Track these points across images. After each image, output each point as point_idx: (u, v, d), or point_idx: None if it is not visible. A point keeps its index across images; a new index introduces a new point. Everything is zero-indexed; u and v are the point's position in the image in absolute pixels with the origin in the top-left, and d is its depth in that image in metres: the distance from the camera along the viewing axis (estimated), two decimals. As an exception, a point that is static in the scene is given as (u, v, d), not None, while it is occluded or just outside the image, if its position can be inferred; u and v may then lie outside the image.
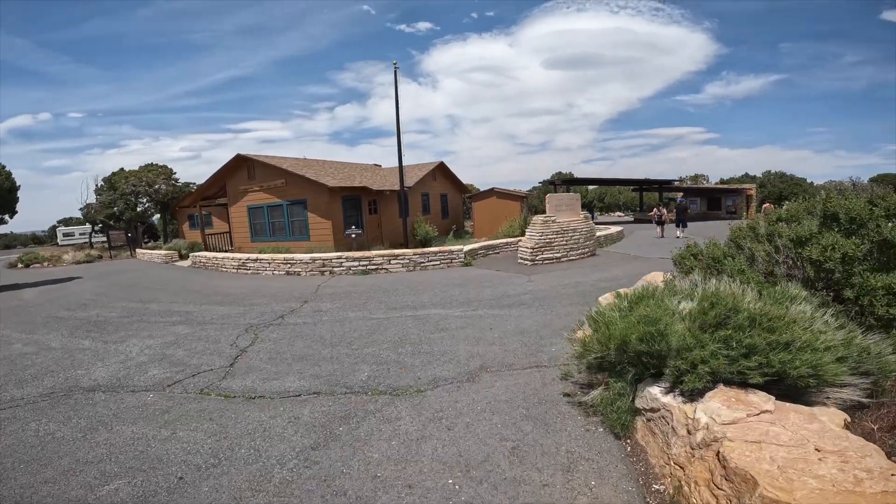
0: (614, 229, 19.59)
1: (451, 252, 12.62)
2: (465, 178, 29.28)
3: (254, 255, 13.78)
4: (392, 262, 12.27)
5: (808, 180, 47.61)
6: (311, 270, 12.39)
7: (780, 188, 44.58)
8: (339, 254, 12.39)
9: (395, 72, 16.28)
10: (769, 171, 47.22)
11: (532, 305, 7.38)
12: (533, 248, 11.80)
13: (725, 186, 44.34)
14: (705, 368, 2.78)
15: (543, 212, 12.82)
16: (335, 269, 12.21)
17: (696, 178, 58.73)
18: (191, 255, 17.65)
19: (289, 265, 12.71)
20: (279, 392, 4.34)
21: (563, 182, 37.17)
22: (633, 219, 41.07)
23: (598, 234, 16.15)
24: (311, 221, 16.44)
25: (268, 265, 13.18)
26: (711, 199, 40.14)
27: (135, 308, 8.87)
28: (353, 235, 14.43)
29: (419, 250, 12.62)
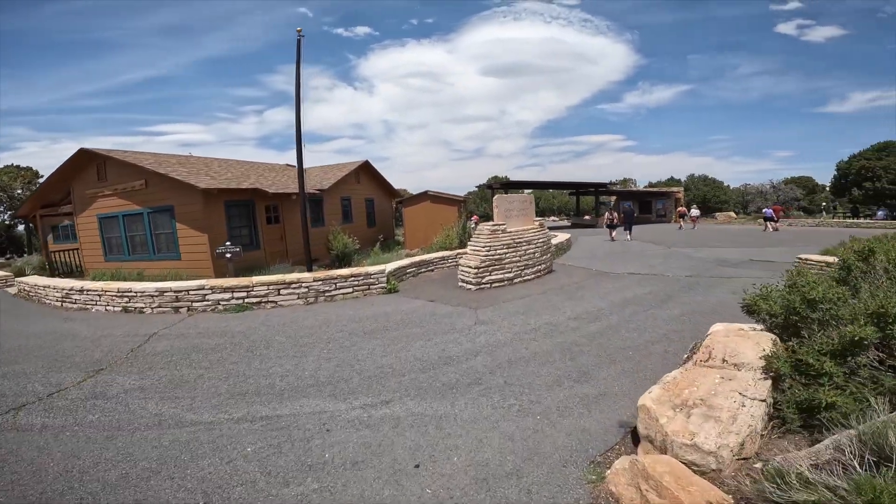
0: (562, 236, 17.30)
1: (369, 275, 9.27)
2: (399, 184, 26.09)
3: (80, 284, 9.46)
4: (283, 292, 8.67)
5: (726, 184, 49.88)
6: (160, 306, 8.44)
7: (703, 191, 46.02)
8: (201, 283, 8.54)
9: (299, 42, 12.73)
10: (693, 175, 48.79)
11: (492, 388, 4.26)
12: (478, 268, 8.80)
13: (655, 190, 44.90)
14: None
15: (489, 218, 9.89)
16: (196, 303, 8.37)
17: (625, 181, 60.00)
18: (17, 280, 12.74)
19: (126, 299, 8.64)
20: None
21: (501, 186, 35.04)
22: (570, 223, 40.08)
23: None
24: (180, 235, 12.24)
25: (98, 298, 9.00)
26: (643, 203, 40.24)
27: None
28: (229, 255, 10.55)
29: (324, 275, 9.13)
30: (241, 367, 5.11)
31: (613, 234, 19.62)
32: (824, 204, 34.96)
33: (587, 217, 38.27)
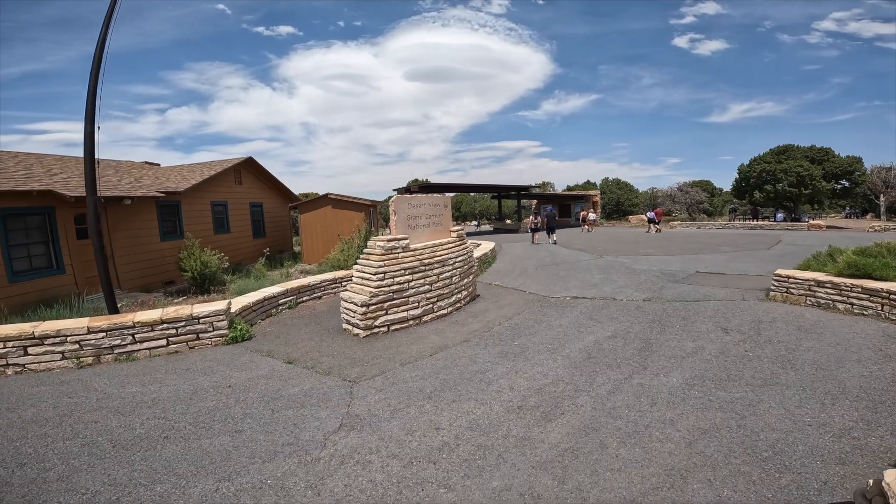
0: (487, 245, 14.95)
1: (196, 319, 5.91)
2: (318, 188, 22.23)
3: None
4: (32, 350, 5.05)
5: (636, 187, 51.95)
6: None
7: (617, 194, 47.27)
8: None
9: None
10: (607, 178, 50.09)
11: None
12: (367, 305, 5.84)
13: (574, 193, 45.07)
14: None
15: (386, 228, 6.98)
16: None
17: (544, 185, 60.57)
18: None
19: None
20: None
21: (421, 188, 32.35)
22: (492, 228, 38.60)
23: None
24: None
25: None
26: (562, 206, 40.00)
27: None
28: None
29: (109, 322, 5.58)
30: None
31: (536, 237, 19.24)
32: (731, 206, 37.12)
33: (509, 222, 36.99)
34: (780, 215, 31.36)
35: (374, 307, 5.91)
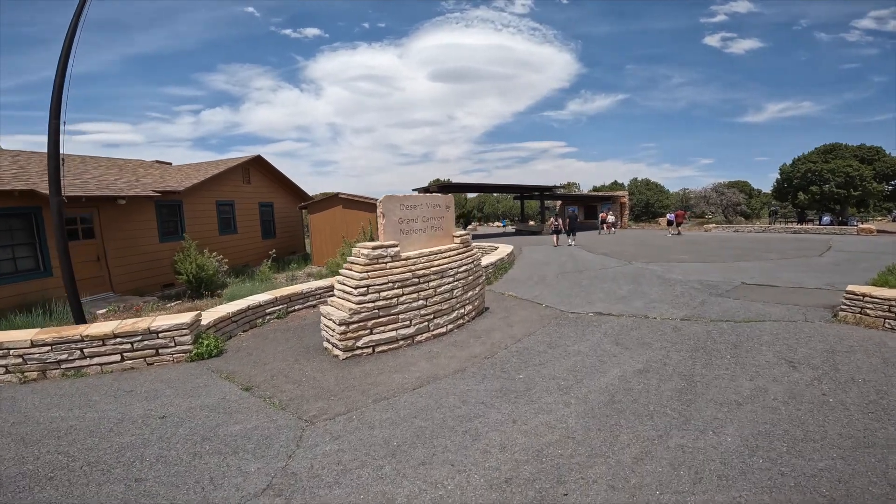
0: (504, 249, 13.90)
1: (153, 333, 5.17)
2: (343, 188, 21.73)
3: None
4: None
5: (667, 188, 49.57)
6: None
7: (647, 195, 45.18)
8: None
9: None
10: (636, 179, 47.97)
11: None
12: (347, 324, 4.95)
13: (600, 194, 43.30)
14: None
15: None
16: None
17: (569, 185, 58.76)
18: None
19: None
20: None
21: (441, 188, 31.48)
22: (514, 229, 37.36)
23: (482, 262, 10.05)
24: None
25: None
26: (588, 208, 38.33)
27: None
28: None
29: (62, 334, 4.89)
30: None
31: (557, 239, 18.91)
32: (771, 209, 34.70)
33: (532, 223, 35.71)
34: (826, 218, 28.96)
35: (355, 326, 5.00)
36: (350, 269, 5.27)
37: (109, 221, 10.26)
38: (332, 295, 8.30)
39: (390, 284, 5.17)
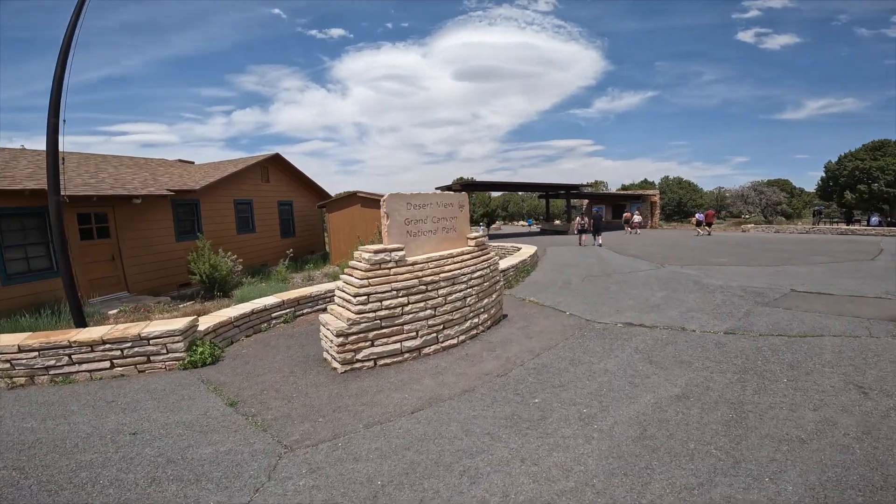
0: (527, 250, 13.25)
1: (144, 340, 4.88)
2: (369, 187, 21.64)
3: None
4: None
5: (701, 187, 47.44)
6: None
7: (679, 194, 43.35)
8: None
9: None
10: (667, 177, 46.08)
11: None
12: (346, 335, 4.50)
13: (629, 192, 41.80)
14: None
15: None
16: None
17: (596, 184, 57.18)
18: None
19: None
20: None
21: (464, 187, 30.93)
22: (539, 229, 36.45)
23: (501, 264, 9.47)
24: None
25: None
26: (616, 206, 36.97)
27: None
28: None
29: (50, 339, 4.66)
30: None
31: (584, 239, 18.98)
32: (815, 208, 32.52)
33: (557, 222, 34.76)
34: (874, 219, 26.89)
35: (354, 337, 4.55)
36: (350, 276, 4.81)
37: (125, 220, 10.20)
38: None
39: (394, 292, 4.69)
